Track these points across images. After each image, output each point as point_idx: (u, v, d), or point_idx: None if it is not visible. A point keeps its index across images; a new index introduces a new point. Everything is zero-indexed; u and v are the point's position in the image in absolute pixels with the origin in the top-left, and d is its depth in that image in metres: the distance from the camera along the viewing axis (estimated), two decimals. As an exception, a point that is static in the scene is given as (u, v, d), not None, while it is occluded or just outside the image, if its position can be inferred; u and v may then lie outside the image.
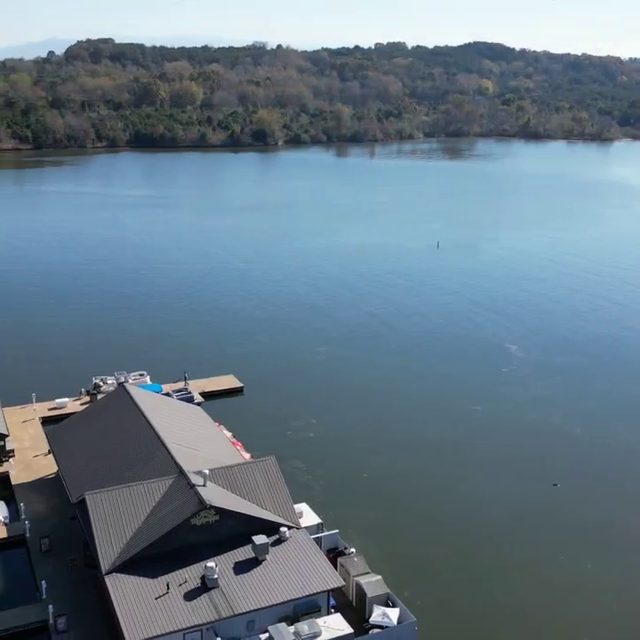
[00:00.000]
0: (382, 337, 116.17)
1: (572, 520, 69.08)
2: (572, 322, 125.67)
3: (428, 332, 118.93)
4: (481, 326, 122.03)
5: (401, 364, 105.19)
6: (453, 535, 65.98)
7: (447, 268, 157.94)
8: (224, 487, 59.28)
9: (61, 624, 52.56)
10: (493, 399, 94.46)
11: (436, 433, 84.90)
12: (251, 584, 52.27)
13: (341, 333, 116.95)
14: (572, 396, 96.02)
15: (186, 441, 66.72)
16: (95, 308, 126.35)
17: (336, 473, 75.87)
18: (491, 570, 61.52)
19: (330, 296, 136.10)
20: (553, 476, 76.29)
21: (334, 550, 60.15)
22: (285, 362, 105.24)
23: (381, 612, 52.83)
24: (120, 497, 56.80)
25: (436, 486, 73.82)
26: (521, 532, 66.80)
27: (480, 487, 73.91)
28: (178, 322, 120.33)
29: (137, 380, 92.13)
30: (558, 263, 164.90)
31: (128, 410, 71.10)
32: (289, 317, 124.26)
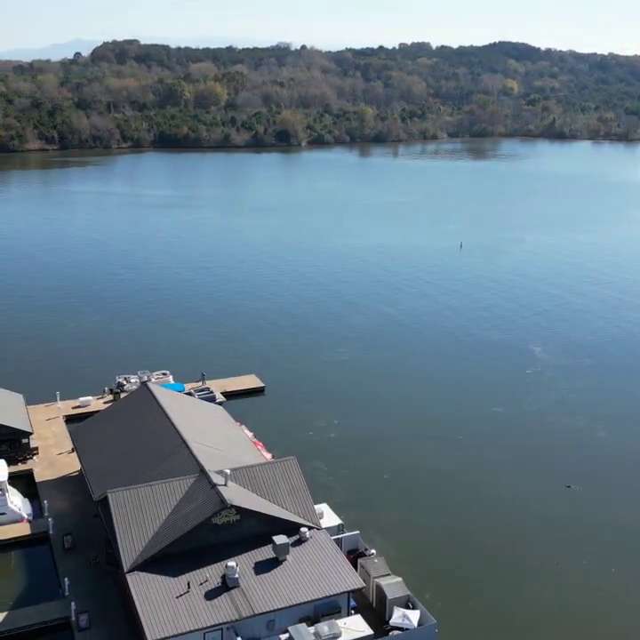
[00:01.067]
0: (404, 338, 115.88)
1: (595, 524, 68.42)
2: (598, 324, 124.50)
3: (450, 333, 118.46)
4: (504, 328, 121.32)
5: (423, 365, 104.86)
6: (475, 537, 65.64)
7: (470, 269, 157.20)
8: (245, 487, 59.44)
9: (83, 621, 53.00)
10: (516, 401, 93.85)
11: (458, 435, 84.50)
12: (271, 584, 52.37)
13: (363, 334, 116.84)
14: (596, 400, 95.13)
15: (207, 440, 66.99)
16: (119, 307, 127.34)
17: (357, 474, 75.79)
18: (513, 573, 61.14)
19: (352, 297, 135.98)
20: (575, 478, 75.62)
21: (355, 551, 60.09)
22: (307, 362, 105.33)
23: (402, 613, 52.69)
24: (142, 495, 57.17)
25: (457, 488, 73.51)
26: (544, 535, 66.28)
27: (502, 489, 73.46)
28: (201, 322, 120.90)
29: (160, 379, 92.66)
30: (584, 265, 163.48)
31: (151, 409, 71.54)
32: (311, 318, 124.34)
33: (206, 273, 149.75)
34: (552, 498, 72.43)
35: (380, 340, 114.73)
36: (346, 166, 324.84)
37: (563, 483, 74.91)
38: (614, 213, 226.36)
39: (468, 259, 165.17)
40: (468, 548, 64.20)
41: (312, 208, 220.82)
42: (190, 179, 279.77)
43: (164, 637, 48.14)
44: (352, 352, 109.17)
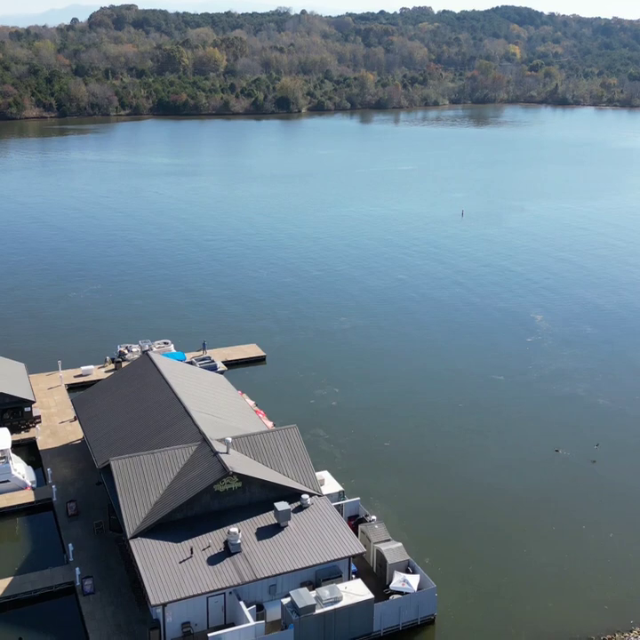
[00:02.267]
0: (406, 307, 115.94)
1: (594, 491, 69.03)
2: (600, 292, 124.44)
3: (451, 301, 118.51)
4: (505, 297, 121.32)
5: (424, 334, 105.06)
6: (474, 503, 66.32)
7: (471, 237, 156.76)
8: (247, 455, 59.96)
9: (88, 586, 53.79)
10: (517, 369, 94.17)
11: (458, 402, 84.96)
12: (273, 549, 53.06)
13: (364, 303, 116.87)
14: (597, 368, 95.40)
15: (209, 409, 67.44)
16: (120, 277, 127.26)
17: (358, 441, 76.35)
18: (510, 538, 61.85)
19: (353, 265, 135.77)
20: (574, 445, 76.18)
21: (355, 517, 60.81)
22: (308, 331, 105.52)
23: (402, 578, 53.44)
24: (144, 463, 57.72)
25: (457, 455, 74.08)
26: (542, 502, 66.93)
27: (502, 456, 74.03)
28: (202, 291, 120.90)
29: (161, 348, 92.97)
30: (586, 233, 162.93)
31: (152, 378, 71.91)
32: (311, 286, 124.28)
33: (208, 243, 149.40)
34: (551, 464, 72.99)
35: (381, 309, 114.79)
36: (347, 133, 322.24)
37: (565, 449, 75.39)
38: (618, 180, 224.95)
39: (470, 227, 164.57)
40: (467, 513, 64.90)
41: (313, 176, 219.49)
42: (190, 146, 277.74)
43: (167, 602, 48.91)
44: (353, 321, 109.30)
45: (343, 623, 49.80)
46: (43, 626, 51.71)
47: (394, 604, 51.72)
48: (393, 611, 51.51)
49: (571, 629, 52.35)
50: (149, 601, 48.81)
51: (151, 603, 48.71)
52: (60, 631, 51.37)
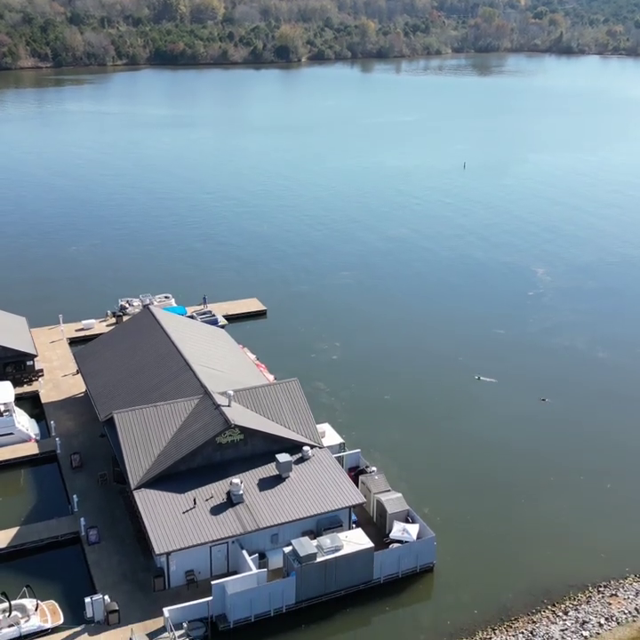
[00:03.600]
0: (406, 261, 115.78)
1: (593, 442, 69.85)
2: (604, 247, 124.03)
3: (452, 255, 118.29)
4: (506, 250, 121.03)
5: (425, 288, 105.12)
6: (474, 454, 67.18)
7: (473, 189, 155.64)
8: (248, 408, 60.61)
9: (93, 536, 54.89)
10: (518, 323, 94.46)
11: (459, 356, 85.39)
12: (275, 500, 54.03)
13: (365, 257, 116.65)
14: (598, 322, 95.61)
15: (210, 363, 67.93)
16: (120, 231, 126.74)
17: (358, 395, 77.05)
18: (510, 488, 62.82)
19: (353, 220, 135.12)
20: (572, 397, 76.89)
21: (356, 469, 61.73)
22: (309, 285, 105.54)
23: (401, 527, 54.49)
24: (147, 416, 58.40)
25: (457, 407, 74.80)
26: (541, 453, 67.78)
27: (502, 408, 74.75)
28: (203, 245, 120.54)
29: (162, 302, 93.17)
30: (591, 185, 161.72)
31: (153, 332, 72.27)
32: (313, 241, 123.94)
33: (208, 196, 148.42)
34: (551, 415, 73.75)
35: (382, 263, 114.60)
36: (348, 83, 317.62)
37: (561, 401, 76.14)
38: (624, 131, 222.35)
39: (472, 179, 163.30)
40: (466, 465, 65.77)
41: (314, 127, 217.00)
42: (188, 97, 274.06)
43: (171, 551, 50.01)
44: (355, 275, 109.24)
45: (344, 571, 50.95)
46: (49, 574, 52.89)
47: (393, 552, 52.83)
48: (392, 559, 52.63)
49: (568, 577, 53.50)
50: (154, 550, 49.92)
51: (155, 552, 49.82)
52: (67, 579, 52.55)
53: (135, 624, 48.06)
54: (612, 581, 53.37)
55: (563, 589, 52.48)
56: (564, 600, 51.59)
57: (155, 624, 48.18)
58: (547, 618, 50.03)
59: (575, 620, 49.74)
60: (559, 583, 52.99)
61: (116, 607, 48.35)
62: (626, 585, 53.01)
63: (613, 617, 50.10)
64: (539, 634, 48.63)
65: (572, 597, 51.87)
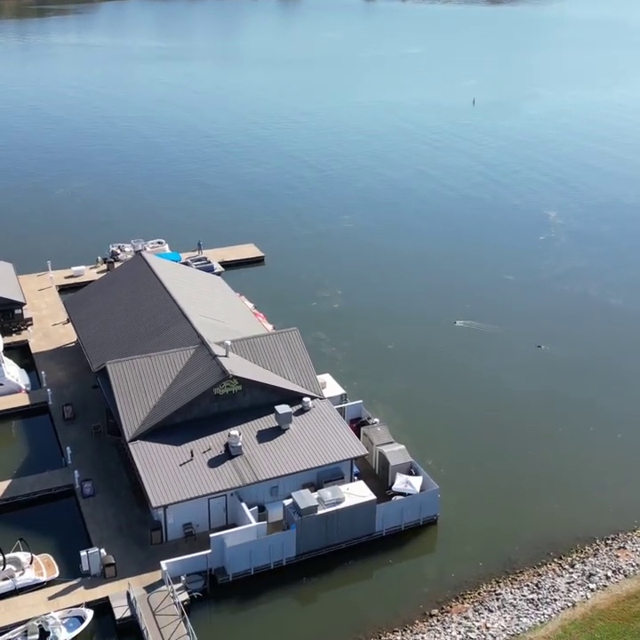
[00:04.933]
0: (411, 204, 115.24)
1: (604, 391, 70.54)
2: (618, 187, 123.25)
3: (459, 197, 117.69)
4: (517, 192, 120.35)
5: (431, 233, 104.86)
6: (479, 405, 67.95)
7: (482, 127, 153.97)
8: (246, 358, 61.17)
9: (87, 488, 55.94)
10: (527, 269, 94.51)
11: (465, 303, 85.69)
12: (274, 452, 54.94)
13: (368, 200, 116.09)
14: (611, 267, 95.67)
15: (207, 312, 68.29)
16: (110, 172, 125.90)
17: (360, 344, 77.58)
18: (516, 440, 63.67)
19: (354, 161, 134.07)
20: (583, 345, 77.41)
21: (357, 420, 62.51)
22: (309, 230, 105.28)
23: (404, 479, 55.49)
24: (141, 366, 59.00)
25: (462, 357, 75.38)
26: (549, 403, 68.53)
27: (509, 357, 75.31)
28: (197, 189, 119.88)
29: (155, 248, 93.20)
30: (607, 121, 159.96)
31: (146, 279, 72.47)
32: (313, 183, 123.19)
33: (203, 136, 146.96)
34: (561, 364, 74.33)
35: (385, 206, 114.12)
36: (350, 12, 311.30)
37: (571, 349, 76.66)
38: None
39: (481, 117, 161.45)
40: (471, 416, 66.61)
41: (316, 61, 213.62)
42: (180, 28, 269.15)
43: (168, 504, 51.04)
44: (357, 219, 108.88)
45: (345, 524, 52.07)
46: (43, 528, 53.99)
47: (396, 505, 53.90)
48: (395, 512, 53.73)
49: (575, 530, 54.59)
50: (150, 503, 50.92)
51: (152, 505, 50.83)
52: (61, 533, 53.70)
53: (132, 577, 49.26)
54: (620, 534, 54.49)
55: (569, 542, 53.61)
56: (571, 553, 52.76)
57: (152, 577, 49.42)
58: (552, 570, 51.27)
59: (582, 573, 51.00)
60: (566, 536, 54.13)
61: (112, 560, 49.52)
62: (634, 537, 54.17)
63: (621, 569, 51.34)
64: (544, 586, 49.93)
65: (579, 550, 53.05)
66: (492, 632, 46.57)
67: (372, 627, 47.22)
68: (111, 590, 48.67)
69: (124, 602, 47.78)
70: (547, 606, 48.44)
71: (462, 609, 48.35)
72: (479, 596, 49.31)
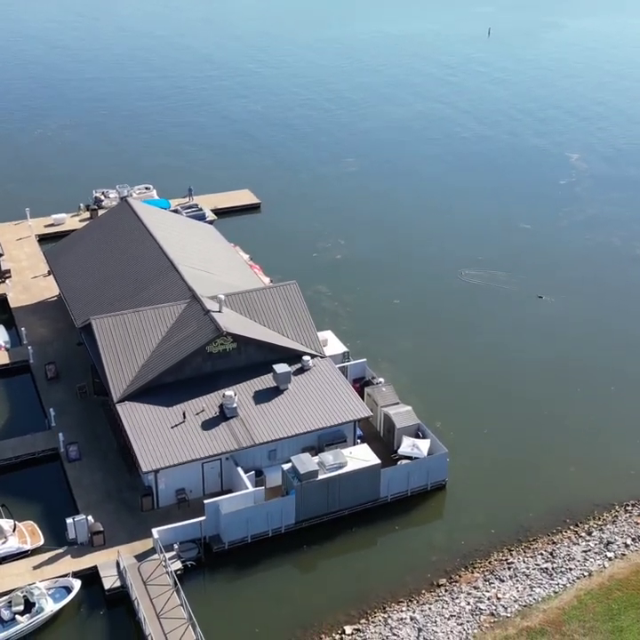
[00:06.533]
0: (420, 145, 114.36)
1: (626, 350, 70.73)
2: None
3: (474, 138, 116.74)
4: (536, 130, 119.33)
5: (442, 177, 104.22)
6: (490, 364, 68.34)
7: (499, 61, 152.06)
8: (242, 313, 61.44)
9: (73, 452, 56.64)
10: (546, 216, 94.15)
11: (478, 255, 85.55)
12: (272, 414, 55.52)
13: (374, 142, 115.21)
14: (637, 215, 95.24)
15: (198, 263, 68.38)
16: (92, 111, 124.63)
17: (365, 299, 77.71)
18: (530, 401, 64.15)
19: (358, 96, 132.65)
20: (605, 299, 77.52)
21: (361, 380, 63.01)
22: (309, 174, 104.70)
23: (411, 442, 56.15)
24: (129, 322, 59.30)
25: (472, 314, 75.45)
26: (568, 361, 68.86)
27: (523, 313, 75.49)
28: (189, 130, 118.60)
29: (142, 194, 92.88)
30: (636, 58, 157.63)
31: (133, 228, 72.41)
32: (312, 123, 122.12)
33: (195, 72, 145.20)
34: (580, 320, 74.50)
35: (393, 148, 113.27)
36: None
37: (591, 303, 76.76)
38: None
39: (497, 48, 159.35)
40: (483, 376, 66.96)
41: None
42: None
43: (159, 468, 51.71)
44: (362, 162, 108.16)
45: (348, 489, 52.81)
46: (26, 493, 54.62)
47: (402, 469, 54.64)
48: (401, 476, 54.47)
49: (593, 496, 55.30)
50: (140, 468, 51.62)
51: (142, 470, 51.53)
52: (45, 498, 54.46)
53: (122, 546, 50.09)
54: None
55: (586, 509, 54.36)
56: (588, 520, 53.51)
57: (143, 546, 50.27)
58: (568, 538, 52.08)
59: (599, 541, 51.79)
60: (583, 502, 54.86)
61: (100, 528, 50.28)
62: (656, 503, 54.96)
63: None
64: (559, 555, 50.76)
65: (597, 517, 53.82)
66: (503, 603, 47.53)
67: (375, 597, 48.19)
68: (99, 559, 49.53)
69: (114, 571, 48.68)
70: (561, 576, 49.34)
71: (472, 578, 49.28)
72: (490, 565, 50.22)
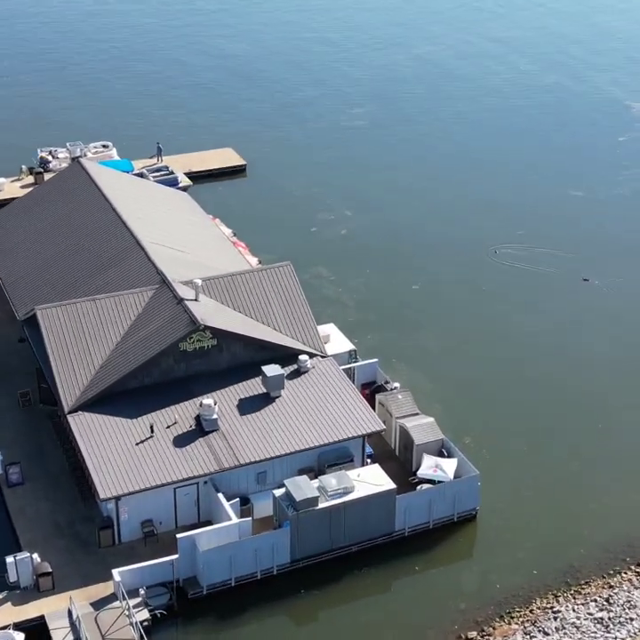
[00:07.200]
0: (450, 89, 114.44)
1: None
2: None
3: (508, 84, 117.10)
4: (589, 76, 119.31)
5: (474, 131, 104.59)
6: (531, 365, 68.28)
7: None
8: (223, 303, 61.59)
9: (14, 474, 56.55)
10: (602, 181, 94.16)
11: (517, 229, 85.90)
12: (261, 427, 55.58)
13: (388, 87, 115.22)
14: None
15: (169, 239, 68.58)
16: (40, 50, 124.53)
17: (376, 284, 77.91)
18: (580, 410, 64.13)
19: (367, 33, 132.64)
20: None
21: (372, 385, 63.14)
22: (307, 129, 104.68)
23: (433, 463, 56.12)
24: (83, 313, 59.27)
25: (509, 303, 75.40)
26: (622, 362, 68.87)
27: (571, 304, 75.69)
28: (158, 74, 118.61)
29: (99, 153, 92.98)
30: None
31: (87, 195, 72.55)
32: (310, 65, 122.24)
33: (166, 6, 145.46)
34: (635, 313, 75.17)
35: (412, 93, 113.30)
36: None
37: None
38: None
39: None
40: (521, 379, 66.95)
41: None
42: None
43: (121, 494, 51.79)
44: (371, 113, 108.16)
45: (356, 521, 52.74)
46: (-44, 526, 54.96)
47: (423, 495, 54.65)
48: (421, 504, 54.43)
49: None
50: (98, 494, 51.74)
51: (100, 496, 51.58)
52: (-19, 532, 54.77)
53: (75, 590, 49.92)
54: None
55: (651, 544, 54.70)
56: (653, 559, 53.91)
57: (101, 590, 50.21)
58: (628, 581, 51.98)
59: (666, 585, 52.05)
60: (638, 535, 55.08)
61: (48, 569, 50.08)
62: None
63: None
64: (617, 602, 50.62)
65: (664, 555, 54.19)
66: (547, 661, 47.86)
67: (390, 654, 48.58)
68: (48, 607, 49.45)
69: (65, 622, 48.55)
70: (620, 627, 49.31)
71: (509, 631, 49.41)
72: (531, 614, 50.24)
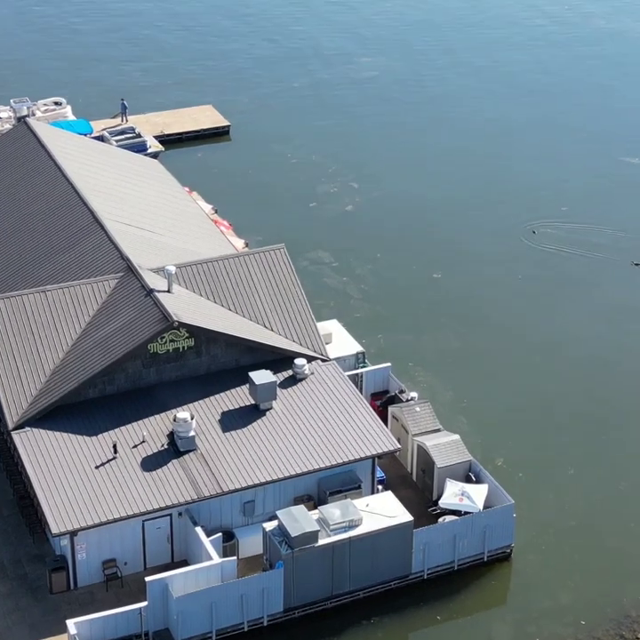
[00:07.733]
0: (479, 38, 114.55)
1: None
2: None
3: (561, 38, 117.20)
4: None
5: (508, 90, 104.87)
6: (573, 373, 68.29)
7: None
8: (202, 294, 61.25)
9: (-52, 505, 56.60)
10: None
11: (557, 206, 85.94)
12: (248, 446, 55.21)
13: (403, 30, 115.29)
14: None
15: (136, 218, 68.28)
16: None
17: (387, 272, 77.84)
18: (630, 428, 64.16)
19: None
20: None
21: (384, 395, 62.92)
22: (304, 78, 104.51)
23: (458, 490, 55.90)
24: (30, 307, 58.98)
25: (548, 296, 75.53)
26: None
27: (622, 298, 75.67)
28: (123, 17, 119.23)
29: (49, 112, 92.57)
30: None
31: (37, 163, 72.29)
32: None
33: None
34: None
35: (432, 39, 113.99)
36: None
37: None
38: None
39: None
40: (562, 390, 66.93)
41: None
42: None
43: (77, 529, 51.34)
44: (385, 63, 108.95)
45: (363, 560, 52.52)
46: None
47: (446, 529, 54.40)
48: (444, 540, 54.17)
49: None
50: (50, 529, 51.30)
51: (52, 531, 51.16)
52: None
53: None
54: None
55: None
56: None
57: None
58: (695, 633, 52.20)
59: None
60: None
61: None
62: None
63: None
64: (682, 659, 50.84)
65: None
66: None
67: None
68: (-11, 666, 49.56)
69: (10, 684, 48.71)
70: (685, 690, 49.48)
71: (551, 694, 49.41)
72: (578, 674, 50.46)
